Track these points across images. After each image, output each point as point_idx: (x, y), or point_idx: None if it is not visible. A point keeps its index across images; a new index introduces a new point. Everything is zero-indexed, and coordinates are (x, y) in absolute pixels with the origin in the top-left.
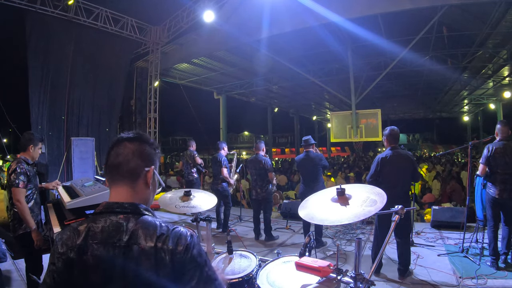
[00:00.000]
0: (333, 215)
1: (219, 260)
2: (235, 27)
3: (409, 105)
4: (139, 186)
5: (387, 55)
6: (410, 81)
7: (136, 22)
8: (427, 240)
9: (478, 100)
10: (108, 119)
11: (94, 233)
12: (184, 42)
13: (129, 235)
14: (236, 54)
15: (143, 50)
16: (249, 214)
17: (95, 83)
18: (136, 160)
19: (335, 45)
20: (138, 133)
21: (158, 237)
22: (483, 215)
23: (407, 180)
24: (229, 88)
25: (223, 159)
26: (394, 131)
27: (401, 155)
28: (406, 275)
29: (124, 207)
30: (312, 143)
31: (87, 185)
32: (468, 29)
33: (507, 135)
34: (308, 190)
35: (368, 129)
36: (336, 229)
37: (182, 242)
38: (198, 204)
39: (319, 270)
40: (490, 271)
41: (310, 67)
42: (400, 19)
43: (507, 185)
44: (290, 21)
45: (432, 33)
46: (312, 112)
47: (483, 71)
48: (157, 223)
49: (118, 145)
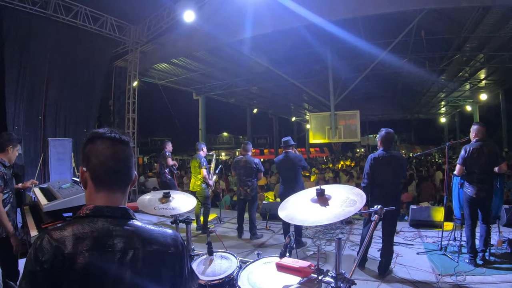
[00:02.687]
0: (313, 215)
1: (200, 262)
2: (215, 27)
3: (387, 107)
4: (127, 192)
5: (366, 57)
6: (389, 83)
7: (116, 21)
8: (406, 239)
9: (455, 102)
10: (86, 120)
11: (82, 239)
12: (163, 42)
13: (125, 240)
14: (216, 54)
15: (122, 49)
16: (228, 215)
17: (73, 82)
18: (132, 168)
19: (315, 47)
20: (127, 136)
21: (155, 240)
22: (461, 214)
23: (398, 180)
24: (209, 89)
25: (203, 160)
26: (390, 134)
27: (393, 156)
28: (386, 273)
29: (115, 211)
30: (292, 144)
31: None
32: (446, 33)
33: (484, 136)
34: (288, 191)
35: (347, 130)
36: (316, 229)
37: (178, 243)
38: (176, 206)
39: (300, 271)
40: (468, 268)
41: (290, 68)
42: (380, 22)
43: (484, 185)
44: (271, 22)
45: (411, 36)
46: (291, 113)
47: (460, 74)
48: (149, 226)
49: (113, 145)
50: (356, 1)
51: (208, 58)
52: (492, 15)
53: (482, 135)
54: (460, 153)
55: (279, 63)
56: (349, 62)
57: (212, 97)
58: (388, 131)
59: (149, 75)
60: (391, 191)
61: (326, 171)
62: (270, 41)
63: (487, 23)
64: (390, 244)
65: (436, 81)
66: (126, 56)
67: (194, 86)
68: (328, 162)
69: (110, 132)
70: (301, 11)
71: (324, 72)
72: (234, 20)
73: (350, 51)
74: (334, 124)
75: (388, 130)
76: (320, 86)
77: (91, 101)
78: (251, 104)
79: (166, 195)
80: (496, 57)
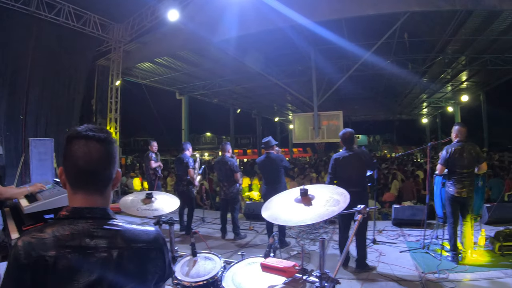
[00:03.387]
0: (297, 215)
1: (183, 263)
2: (199, 27)
3: (370, 107)
4: (107, 192)
5: (349, 58)
6: (372, 84)
7: (99, 19)
8: (389, 237)
9: (437, 103)
10: (68, 119)
11: (63, 241)
12: (147, 41)
13: (108, 240)
14: (199, 54)
15: (105, 47)
16: (212, 215)
17: (55, 81)
18: (110, 167)
19: (299, 47)
20: (107, 132)
21: (139, 238)
22: (443, 213)
23: (361, 177)
24: (192, 89)
25: (189, 160)
26: (345, 134)
27: (354, 155)
28: (363, 267)
29: (94, 212)
30: (273, 144)
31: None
32: (429, 35)
33: (465, 137)
34: (270, 191)
35: (329, 130)
36: (299, 229)
37: (160, 238)
38: (159, 207)
39: (285, 271)
40: (451, 265)
41: (274, 68)
42: (363, 24)
43: (465, 184)
44: (256, 22)
45: (394, 38)
46: (275, 114)
47: (442, 75)
48: (131, 225)
49: (87, 144)
50: (340, 3)
51: (192, 57)
52: (474, 18)
53: (463, 136)
54: (441, 153)
55: (263, 63)
56: (333, 63)
57: (196, 97)
58: (344, 132)
59: (132, 74)
60: (356, 189)
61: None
62: (255, 41)
63: (469, 26)
64: (363, 239)
65: (418, 83)
66: (109, 55)
67: (177, 85)
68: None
69: (86, 130)
70: (286, 11)
71: (308, 72)
72: (219, 19)
73: (334, 52)
74: (317, 124)
75: (344, 131)
76: (304, 87)
77: (73, 100)
78: (235, 104)
79: (148, 196)
80: (478, 60)
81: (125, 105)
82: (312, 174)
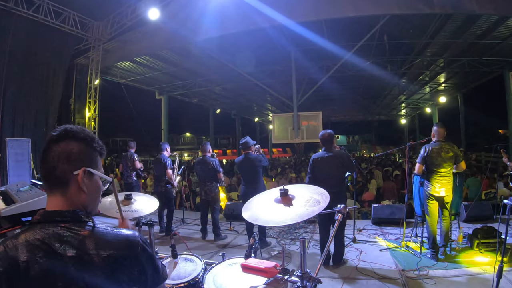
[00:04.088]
0: (277, 216)
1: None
2: (180, 26)
3: (349, 108)
4: (71, 193)
5: (329, 59)
6: (351, 85)
7: (79, 17)
8: (368, 236)
9: (415, 104)
10: (46, 119)
11: (35, 246)
12: (127, 40)
13: (76, 245)
14: (179, 53)
15: (84, 46)
16: (192, 216)
17: (32, 79)
18: (62, 165)
19: (279, 48)
20: (65, 129)
21: (110, 244)
22: (421, 211)
23: (340, 178)
24: (172, 89)
25: (168, 160)
26: (325, 135)
27: (333, 156)
28: (338, 261)
29: (64, 216)
30: (251, 144)
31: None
32: (408, 38)
33: (443, 137)
34: (250, 191)
35: (309, 130)
36: (280, 229)
37: (136, 245)
38: (139, 208)
39: (266, 271)
40: (430, 263)
41: (254, 68)
42: (344, 25)
43: (443, 183)
44: (236, 22)
45: (374, 40)
46: (254, 114)
47: (420, 77)
48: (104, 229)
49: (47, 147)
50: (321, 4)
51: (172, 57)
52: (453, 22)
53: (441, 136)
54: (419, 152)
55: (243, 63)
56: (313, 64)
57: (175, 97)
58: (325, 132)
59: (111, 73)
60: (334, 190)
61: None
62: (235, 41)
63: (448, 29)
64: (342, 237)
65: (397, 84)
66: (88, 53)
67: (157, 85)
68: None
69: (53, 133)
70: (267, 11)
71: (288, 73)
72: (200, 19)
73: (314, 52)
74: (296, 124)
75: (325, 131)
76: (284, 87)
77: (51, 99)
78: (214, 104)
79: (127, 197)
80: (456, 62)
81: (104, 105)
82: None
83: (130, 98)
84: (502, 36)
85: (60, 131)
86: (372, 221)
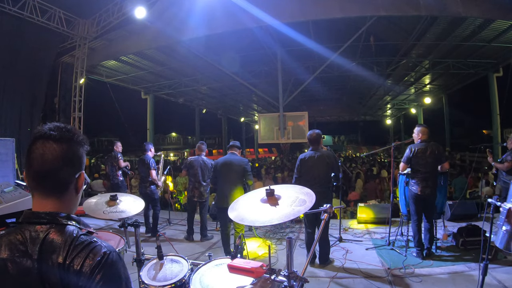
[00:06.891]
0: (263, 215)
1: (150, 267)
2: (167, 25)
3: (335, 108)
4: (68, 196)
5: (316, 60)
6: (337, 86)
7: (65, 14)
8: (354, 235)
9: (400, 105)
10: (30, 118)
11: (15, 245)
12: (113, 38)
13: (40, 248)
14: (166, 53)
15: (70, 44)
16: (177, 217)
17: (17, 78)
18: (67, 169)
19: (266, 48)
20: (67, 129)
21: (66, 252)
22: (407, 210)
23: (326, 177)
24: (157, 88)
25: (151, 161)
26: (312, 135)
27: (320, 156)
28: (325, 261)
29: (40, 217)
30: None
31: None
32: (394, 39)
33: (428, 137)
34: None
35: (295, 131)
36: (266, 229)
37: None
38: (125, 208)
39: (252, 271)
40: (416, 261)
41: (240, 68)
42: (330, 26)
43: (428, 182)
44: (223, 22)
45: (360, 41)
46: (240, 114)
47: (406, 78)
48: (71, 235)
49: (43, 144)
50: (308, 5)
51: (158, 56)
52: (439, 24)
53: (426, 136)
54: (405, 152)
55: (229, 63)
56: (300, 64)
57: (161, 96)
58: (313, 132)
59: (96, 72)
60: (320, 190)
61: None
62: (222, 41)
63: (433, 31)
64: (326, 236)
65: (382, 85)
66: (73, 52)
67: (142, 84)
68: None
69: (48, 129)
70: (254, 11)
71: (274, 73)
72: (187, 18)
73: (300, 53)
74: (282, 125)
75: (311, 132)
76: (270, 87)
77: (35, 98)
78: (200, 104)
79: (113, 198)
80: (441, 64)
81: (89, 104)
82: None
83: (116, 98)
84: (486, 38)
85: (62, 130)
86: (358, 220)
